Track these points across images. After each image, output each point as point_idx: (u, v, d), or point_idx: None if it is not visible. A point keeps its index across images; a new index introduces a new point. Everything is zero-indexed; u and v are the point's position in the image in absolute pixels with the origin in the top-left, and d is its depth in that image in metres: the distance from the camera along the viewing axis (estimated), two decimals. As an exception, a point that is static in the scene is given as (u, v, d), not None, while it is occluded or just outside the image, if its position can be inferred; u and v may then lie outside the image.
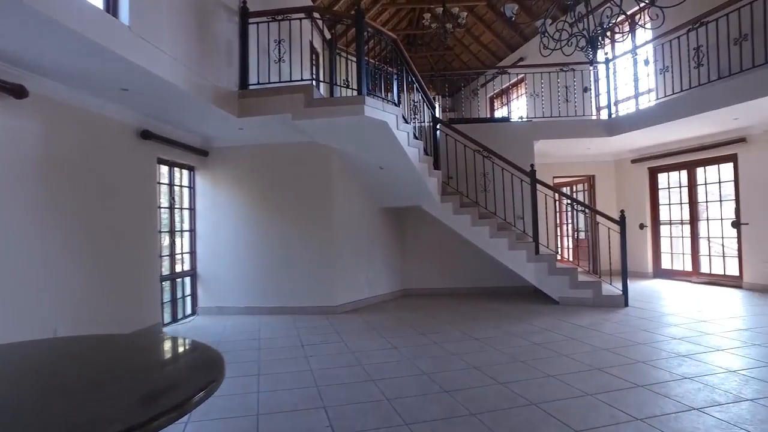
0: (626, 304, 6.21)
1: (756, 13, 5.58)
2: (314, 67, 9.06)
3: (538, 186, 6.73)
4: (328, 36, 9.70)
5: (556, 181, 10.06)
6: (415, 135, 6.28)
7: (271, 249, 6.53)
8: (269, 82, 5.52)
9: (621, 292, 6.28)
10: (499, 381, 3.51)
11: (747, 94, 5.65)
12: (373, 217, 7.26)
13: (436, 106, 9.01)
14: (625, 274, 6.28)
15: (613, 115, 7.89)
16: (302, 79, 5.58)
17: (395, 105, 5.95)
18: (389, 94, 6.71)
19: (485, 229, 6.67)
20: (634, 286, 7.93)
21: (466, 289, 7.71)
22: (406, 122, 6.03)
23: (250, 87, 5.45)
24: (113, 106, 4.69)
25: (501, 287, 7.60)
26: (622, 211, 6.35)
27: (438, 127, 7.11)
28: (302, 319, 6.05)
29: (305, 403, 3.18)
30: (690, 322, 5.22)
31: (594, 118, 8.19)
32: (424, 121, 7.04)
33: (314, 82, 7.22)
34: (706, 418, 2.76)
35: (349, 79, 5.70)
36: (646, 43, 7.38)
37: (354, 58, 5.95)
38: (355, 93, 5.32)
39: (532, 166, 6.75)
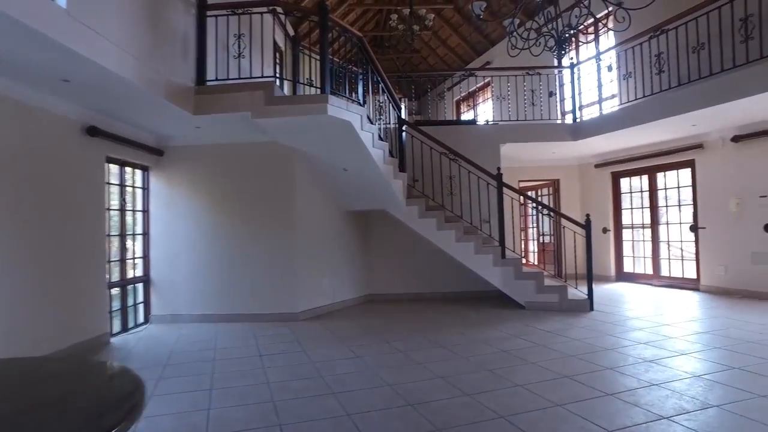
0: (591, 309, 6.22)
1: (712, 23, 5.69)
2: (278, 66, 8.80)
3: (505, 189, 6.68)
4: (292, 33, 9.45)
5: (522, 185, 10.09)
6: (380, 136, 6.12)
7: (229, 254, 6.23)
8: (228, 79, 5.26)
9: (586, 297, 6.28)
10: (465, 392, 3.37)
11: (703, 102, 5.76)
12: (336, 220, 7.06)
13: (403, 108, 8.88)
14: (590, 278, 6.29)
15: (578, 120, 7.95)
16: (263, 76, 5.32)
17: (360, 105, 5.78)
18: (354, 94, 6.53)
19: (451, 233, 6.57)
20: (597, 289, 7.98)
21: (432, 294, 7.59)
22: (371, 123, 5.87)
23: (208, 83, 5.17)
24: (54, 99, 4.34)
25: (467, 292, 7.51)
26: (587, 215, 6.37)
27: (404, 128, 6.98)
28: (261, 327, 5.78)
29: (259, 421, 2.95)
30: (653, 326, 5.24)
31: (559, 122, 8.23)
32: (389, 123, 6.90)
33: (277, 80, 6.98)
34: (676, 428, 2.69)
35: (313, 78, 5.50)
36: (610, 49, 7.48)
37: (318, 57, 5.76)
38: (318, 92, 5.12)
39: (498, 169, 6.70)
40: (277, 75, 8.49)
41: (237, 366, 4.17)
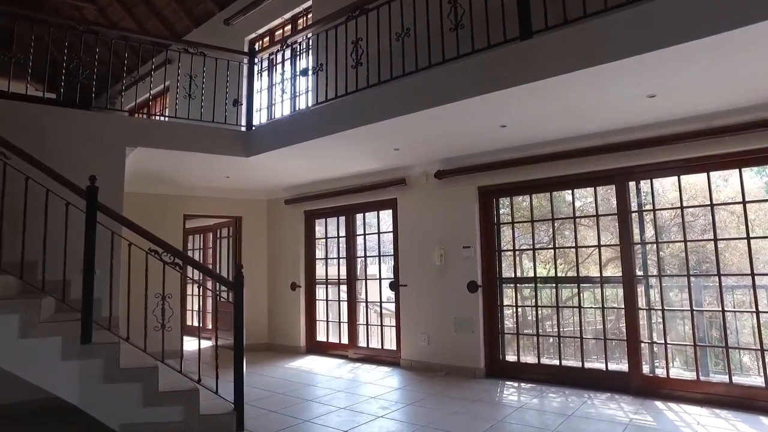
0: (241, 428, 3.61)
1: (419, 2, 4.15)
2: None
3: (106, 218, 3.67)
4: None
5: (191, 224, 7.29)
6: None
7: None
8: None
9: (232, 405, 3.66)
10: None
11: (398, 108, 4.07)
12: None
13: None
14: (240, 372, 3.68)
15: (254, 127, 5.61)
16: None
17: None
18: None
19: (-38, 297, 3.17)
20: (274, 372, 5.56)
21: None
22: None
23: None
24: None
25: (24, 402, 4.07)
26: (239, 268, 3.82)
27: None
28: None
29: None
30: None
31: (229, 127, 5.63)
32: None
33: None
34: None
35: None
36: (301, 31, 5.50)
37: None
38: None
39: (92, 178, 3.65)
40: None
41: None
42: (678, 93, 3.55)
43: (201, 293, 6.73)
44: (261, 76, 6.10)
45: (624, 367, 4.45)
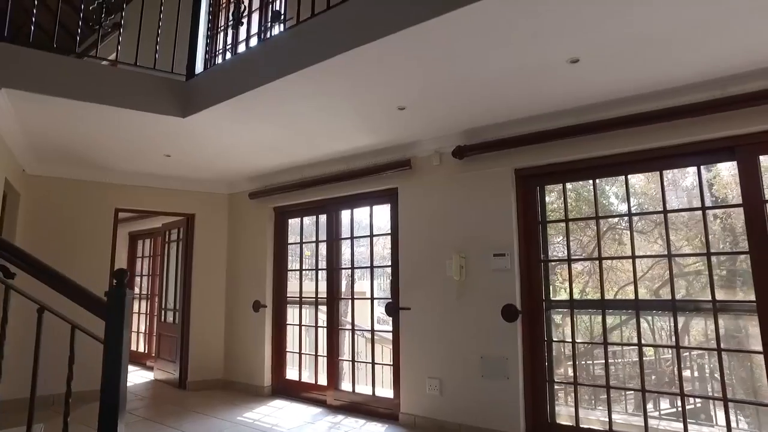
0: None
1: None
2: None
3: None
4: None
5: (142, 225, 5.64)
6: None
7: None
8: None
9: None
10: None
11: (411, 15, 2.45)
12: None
13: None
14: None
15: (198, 75, 3.96)
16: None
17: None
18: None
19: None
20: (217, 429, 3.85)
21: None
22: None
23: None
24: None
25: None
26: (118, 275, 2.12)
27: None
28: None
29: None
30: None
31: (162, 74, 3.94)
32: None
33: None
34: None
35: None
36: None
37: None
38: None
39: None
40: None
41: None
42: None
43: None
44: (223, 34, 4.57)
45: (760, 445, 2.82)
